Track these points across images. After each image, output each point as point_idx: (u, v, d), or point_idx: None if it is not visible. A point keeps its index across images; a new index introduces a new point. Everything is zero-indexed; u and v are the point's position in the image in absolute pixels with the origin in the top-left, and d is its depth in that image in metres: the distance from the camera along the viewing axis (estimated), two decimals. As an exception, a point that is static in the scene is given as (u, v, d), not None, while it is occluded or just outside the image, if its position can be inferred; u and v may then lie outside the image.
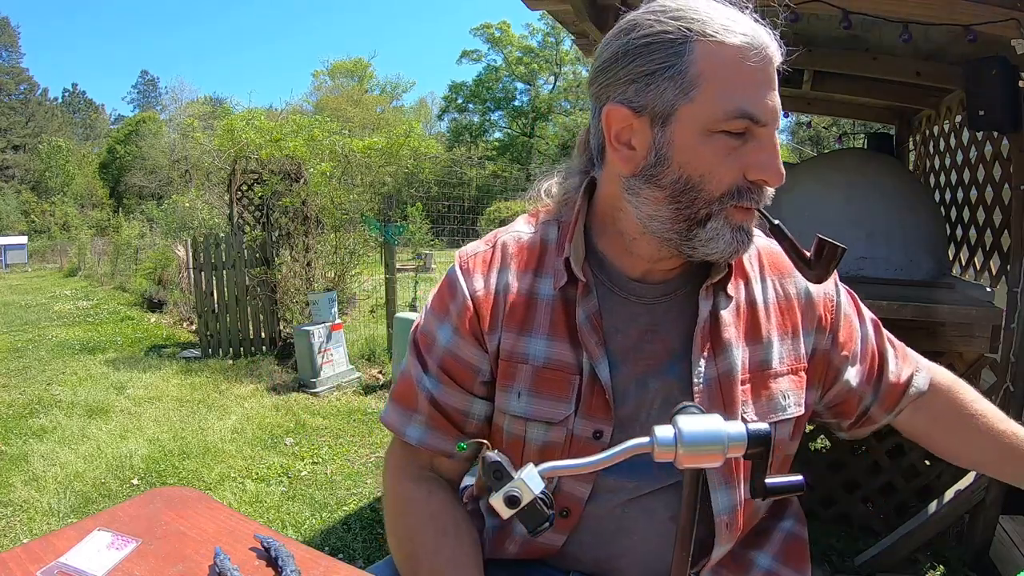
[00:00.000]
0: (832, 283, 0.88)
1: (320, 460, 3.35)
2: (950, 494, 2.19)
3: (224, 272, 5.60)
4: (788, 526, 0.92)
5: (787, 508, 0.94)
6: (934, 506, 2.22)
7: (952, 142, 2.96)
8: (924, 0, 1.89)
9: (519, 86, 34.17)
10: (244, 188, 5.69)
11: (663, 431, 0.56)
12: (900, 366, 0.91)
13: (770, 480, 0.60)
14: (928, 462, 2.47)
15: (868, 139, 3.81)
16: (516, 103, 34.09)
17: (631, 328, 0.82)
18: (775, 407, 0.82)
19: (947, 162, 3.06)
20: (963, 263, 2.91)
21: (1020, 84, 2.01)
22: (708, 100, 0.69)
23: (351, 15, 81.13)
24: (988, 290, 2.40)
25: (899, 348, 0.94)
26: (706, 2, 0.72)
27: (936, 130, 3.18)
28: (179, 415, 4.04)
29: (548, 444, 0.81)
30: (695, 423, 0.56)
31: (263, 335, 5.71)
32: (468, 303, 0.84)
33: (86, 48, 75.88)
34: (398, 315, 4.84)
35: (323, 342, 4.69)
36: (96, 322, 7.59)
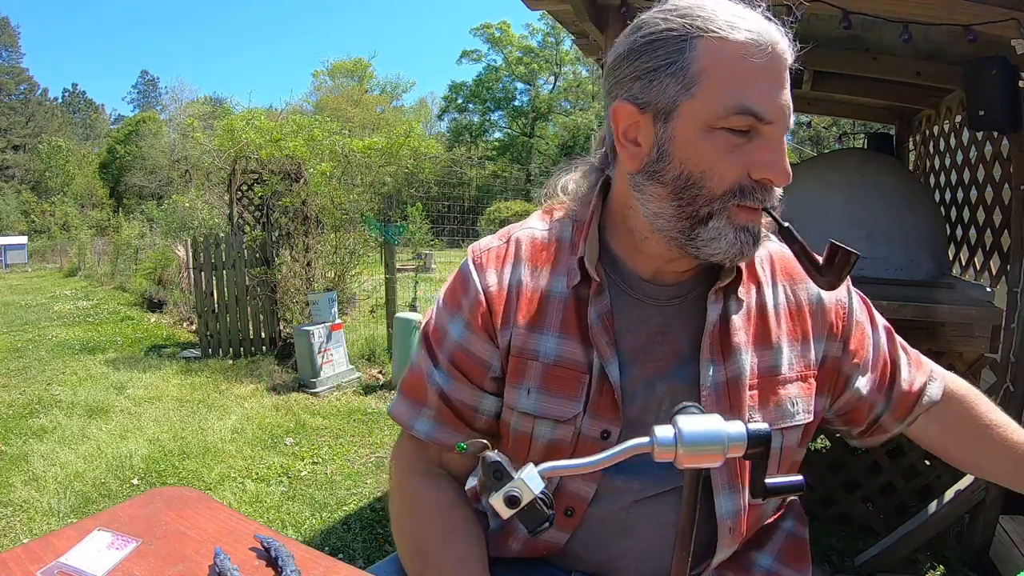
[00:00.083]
0: (844, 289, 0.86)
1: (320, 460, 3.35)
2: (950, 494, 2.19)
3: (224, 272, 5.60)
4: (788, 526, 0.92)
5: (787, 508, 0.94)
6: (934, 506, 2.22)
7: (952, 142, 2.96)
8: (924, 0, 1.89)
9: (519, 86, 34.27)
10: (244, 188, 5.69)
11: (663, 431, 0.56)
12: (913, 374, 0.89)
13: (770, 480, 0.60)
14: (928, 462, 2.47)
15: (868, 139, 3.81)
16: (516, 103, 34.16)
17: (641, 329, 0.81)
18: (783, 413, 0.81)
19: (947, 162, 3.05)
20: (963, 263, 2.91)
21: (1020, 84, 2.01)
22: (709, 96, 0.69)
23: (351, 15, 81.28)
24: (988, 290, 2.40)
25: (913, 356, 0.92)
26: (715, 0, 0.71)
27: (936, 130, 3.18)
28: (179, 415, 4.03)
29: (555, 442, 0.81)
30: (695, 423, 0.56)
31: (263, 335, 5.71)
32: (480, 298, 0.84)
33: (86, 48, 76.05)
34: (398, 315, 4.85)
35: (323, 342, 4.69)
36: (96, 322, 7.59)
